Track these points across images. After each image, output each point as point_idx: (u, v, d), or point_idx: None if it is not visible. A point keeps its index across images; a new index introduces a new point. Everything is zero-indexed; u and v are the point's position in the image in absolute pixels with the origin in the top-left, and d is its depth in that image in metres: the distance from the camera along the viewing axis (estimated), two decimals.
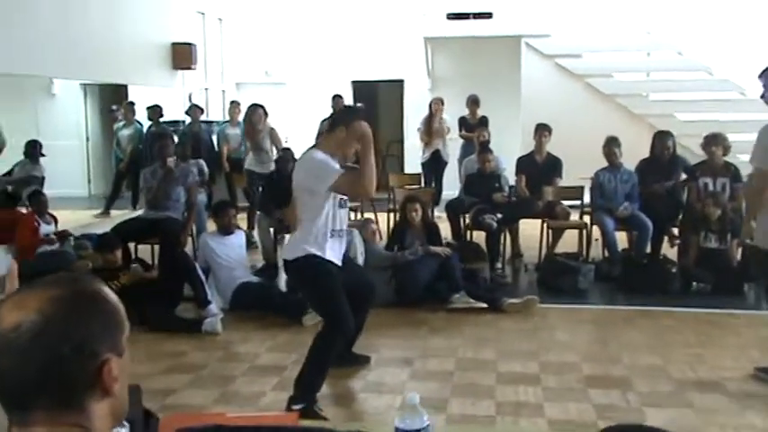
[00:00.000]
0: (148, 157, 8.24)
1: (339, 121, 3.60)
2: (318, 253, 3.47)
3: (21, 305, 0.99)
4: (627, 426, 0.70)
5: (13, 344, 0.97)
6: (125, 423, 1.43)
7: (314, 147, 3.64)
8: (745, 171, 6.46)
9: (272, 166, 7.33)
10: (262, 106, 7.74)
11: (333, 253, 3.53)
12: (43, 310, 0.98)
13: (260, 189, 7.42)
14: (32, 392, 0.98)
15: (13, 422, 1.01)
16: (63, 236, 6.66)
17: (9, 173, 8.09)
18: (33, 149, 8.02)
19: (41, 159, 8.08)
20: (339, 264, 3.57)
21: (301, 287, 3.95)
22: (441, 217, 7.61)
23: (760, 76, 3.79)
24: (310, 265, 3.49)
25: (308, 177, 3.48)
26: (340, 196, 3.52)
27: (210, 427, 1.52)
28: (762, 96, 3.84)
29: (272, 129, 7.80)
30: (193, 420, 1.64)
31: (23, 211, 6.58)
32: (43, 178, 7.91)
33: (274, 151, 7.63)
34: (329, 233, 3.49)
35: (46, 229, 6.56)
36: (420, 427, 1.43)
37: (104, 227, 6.69)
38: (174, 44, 9.77)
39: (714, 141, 6.31)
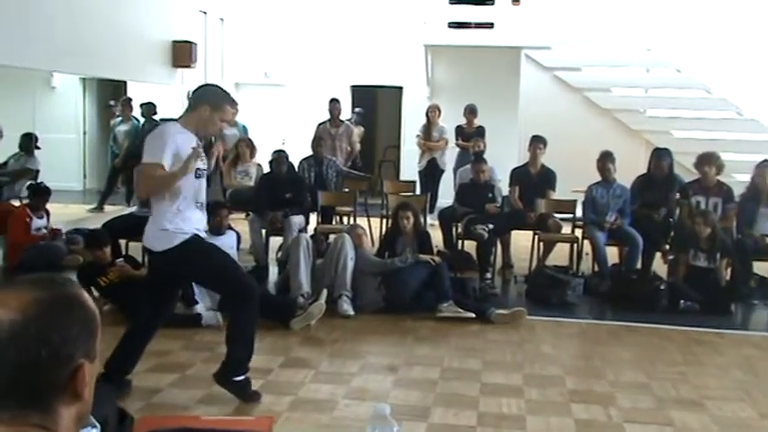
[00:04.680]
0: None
1: (204, 99, 3.48)
2: (189, 234, 3.40)
3: (2, 303, 1.00)
4: None
5: None
6: (96, 423, 1.45)
7: (176, 120, 3.57)
8: (739, 191, 6.53)
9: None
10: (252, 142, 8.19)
11: (199, 225, 3.51)
12: (25, 311, 0.99)
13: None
14: (3, 391, 0.98)
15: None
16: (55, 233, 6.67)
17: (3, 165, 8.10)
18: (28, 142, 8.03)
19: (36, 152, 8.08)
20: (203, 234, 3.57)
21: (187, 274, 3.74)
22: (435, 225, 7.63)
23: None
24: (187, 250, 3.39)
25: (144, 148, 3.43)
26: (199, 166, 3.45)
27: (179, 430, 1.53)
28: None
29: (259, 165, 8.00)
30: (168, 422, 1.65)
31: (15, 204, 6.58)
32: (38, 171, 7.92)
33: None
34: (194, 204, 3.47)
35: (37, 223, 6.56)
36: None
37: (98, 222, 6.69)
38: (174, 42, 9.79)
39: (707, 161, 6.35)
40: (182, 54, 9.79)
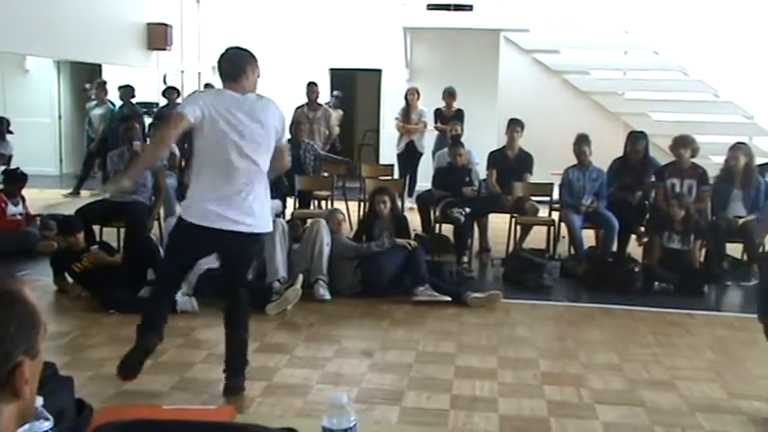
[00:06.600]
0: (117, 138, 8.16)
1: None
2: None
3: None
4: None
5: None
6: (49, 416, 1.43)
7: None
8: (713, 173, 6.58)
9: None
10: None
11: None
12: None
13: None
14: None
15: None
16: (30, 219, 6.59)
17: None
18: (0, 126, 7.90)
19: (9, 137, 7.96)
20: None
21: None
22: (413, 208, 7.62)
23: None
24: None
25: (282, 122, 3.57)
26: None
27: (135, 421, 1.52)
28: None
29: None
30: (129, 412, 1.64)
31: None
32: (10, 156, 7.80)
33: None
34: None
35: (12, 210, 6.48)
36: (347, 426, 1.44)
37: (73, 207, 6.60)
38: (149, 24, 9.65)
39: (682, 143, 6.39)
40: (157, 36, 9.66)
